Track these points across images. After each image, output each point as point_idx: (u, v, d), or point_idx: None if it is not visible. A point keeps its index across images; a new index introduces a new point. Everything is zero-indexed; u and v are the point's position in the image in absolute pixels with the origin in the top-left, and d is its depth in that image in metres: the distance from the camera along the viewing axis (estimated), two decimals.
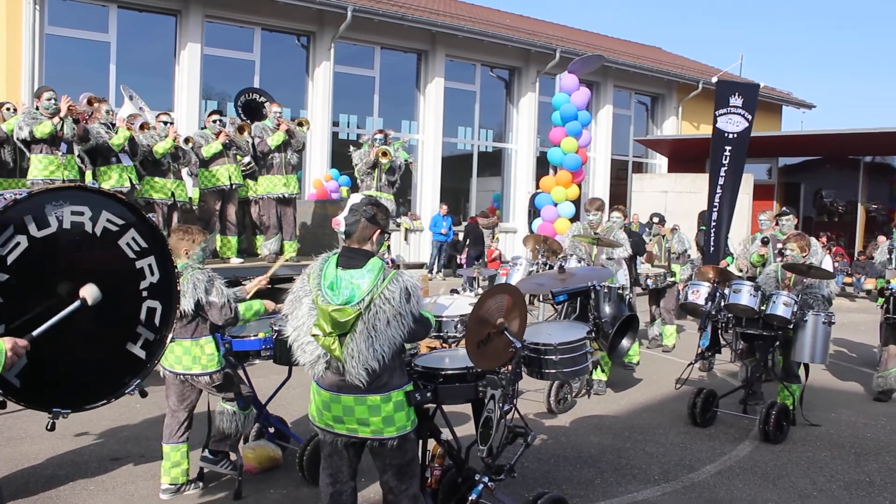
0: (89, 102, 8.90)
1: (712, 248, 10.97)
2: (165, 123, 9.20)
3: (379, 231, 3.68)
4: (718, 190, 11.27)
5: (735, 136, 10.70)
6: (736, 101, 10.81)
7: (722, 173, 10.94)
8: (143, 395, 3.31)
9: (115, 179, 8.57)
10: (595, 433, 6.55)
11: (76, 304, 2.88)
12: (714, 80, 12.38)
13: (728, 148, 10.84)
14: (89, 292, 2.90)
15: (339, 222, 3.73)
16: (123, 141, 8.52)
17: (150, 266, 3.25)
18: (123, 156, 8.64)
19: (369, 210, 3.67)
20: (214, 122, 9.88)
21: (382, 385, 3.55)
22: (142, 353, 3.25)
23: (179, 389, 4.96)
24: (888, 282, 7.79)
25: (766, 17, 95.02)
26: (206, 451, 5.09)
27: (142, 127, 8.85)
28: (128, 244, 3.18)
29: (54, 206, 2.91)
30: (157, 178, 9.05)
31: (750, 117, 10.86)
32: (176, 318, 3.37)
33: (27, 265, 2.85)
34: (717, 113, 10.93)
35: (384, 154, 10.50)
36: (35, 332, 2.76)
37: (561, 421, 6.88)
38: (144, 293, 3.25)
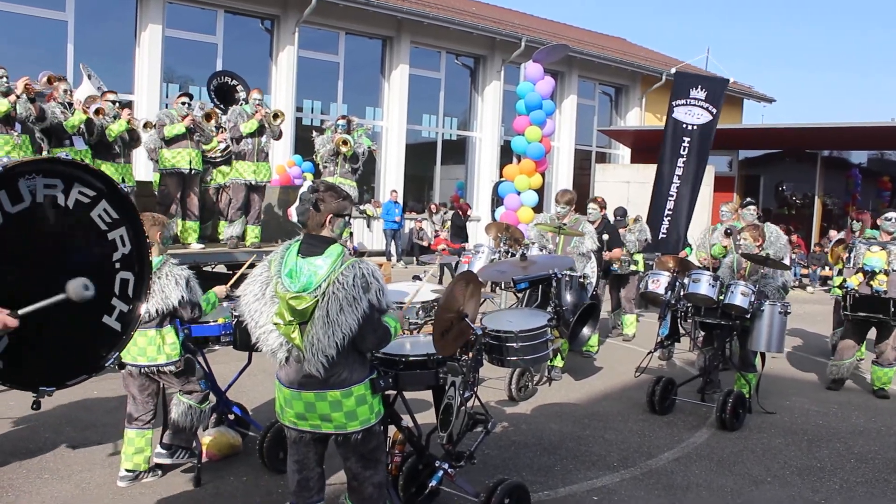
0: (49, 81, 8.67)
1: (662, 236, 11.07)
2: (113, 103, 8.99)
3: (331, 214, 3.58)
4: (676, 180, 11.37)
5: (695, 127, 10.80)
6: (698, 93, 10.90)
7: (680, 164, 11.03)
8: (122, 367, 3.29)
9: None
10: (555, 420, 6.60)
11: (60, 296, 2.81)
12: (673, 70, 12.55)
13: (687, 139, 10.94)
14: (74, 291, 2.82)
15: (292, 213, 3.71)
16: (79, 123, 8.31)
17: (121, 237, 3.22)
18: (77, 139, 8.43)
19: (312, 198, 3.60)
20: (183, 104, 9.71)
21: (342, 380, 3.51)
22: (117, 326, 3.22)
23: (139, 381, 4.88)
24: (845, 280, 7.90)
25: (730, 11, 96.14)
26: (160, 444, 5.01)
27: (97, 112, 8.64)
28: (99, 216, 3.14)
29: (27, 179, 2.85)
30: (106, 163, 8.84)
31: (715, 111, 10.95)
32: (147, 291, 3.33)
33: (3, 241, 2.78)
34: (674, 103, 11.01)
35: (344, 143, 10.42)
36: (21, 311, 2.70)
37: (522, 408, 6.93)
38: (117, 265, 3.23)
